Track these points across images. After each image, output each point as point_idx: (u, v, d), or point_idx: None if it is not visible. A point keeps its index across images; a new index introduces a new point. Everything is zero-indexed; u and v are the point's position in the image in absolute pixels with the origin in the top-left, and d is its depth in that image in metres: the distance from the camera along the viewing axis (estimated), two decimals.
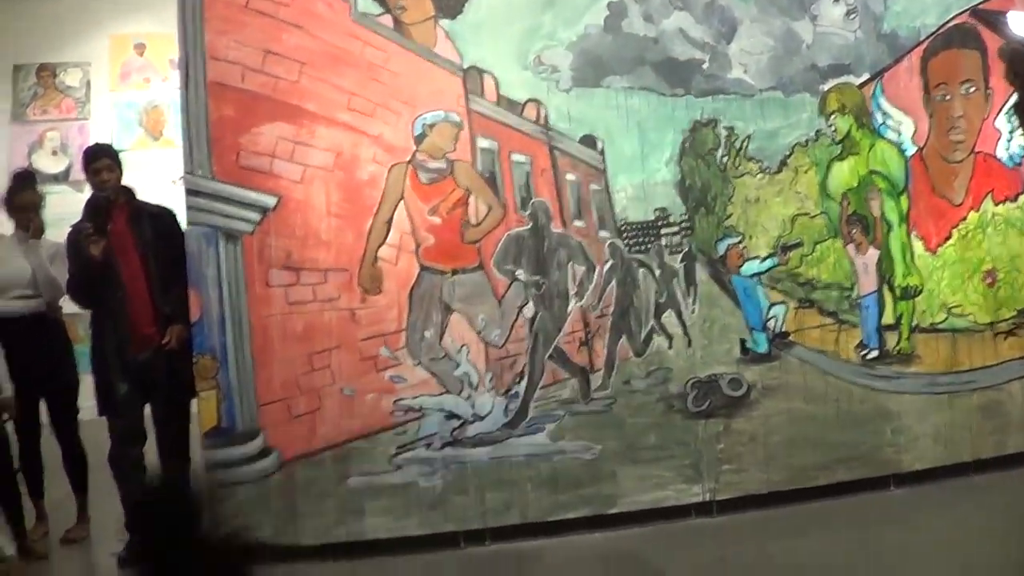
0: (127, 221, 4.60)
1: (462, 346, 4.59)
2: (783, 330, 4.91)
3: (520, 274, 4.65)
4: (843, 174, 4.99)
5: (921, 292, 5.03)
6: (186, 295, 4.42)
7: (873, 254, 5.01)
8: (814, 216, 4.94)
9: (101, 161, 4.64)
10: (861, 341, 5.01)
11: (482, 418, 4.62)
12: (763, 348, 4.89)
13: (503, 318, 4.64)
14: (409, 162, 4.56)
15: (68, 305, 4.94)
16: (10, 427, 4.93)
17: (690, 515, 4.83)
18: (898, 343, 5.02)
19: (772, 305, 4.90)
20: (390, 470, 4.54)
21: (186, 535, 1.87)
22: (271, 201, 4.45)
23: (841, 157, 4.99)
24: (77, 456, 5.07)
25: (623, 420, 4.75)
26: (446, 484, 4.58)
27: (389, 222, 4.53)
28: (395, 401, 4.55)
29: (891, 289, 5.02)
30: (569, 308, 4.71)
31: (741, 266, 4.86)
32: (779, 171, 4.89)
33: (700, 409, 4.82)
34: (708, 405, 4.83)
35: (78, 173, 7.88)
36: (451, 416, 4.60)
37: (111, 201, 4.59)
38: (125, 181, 4.73)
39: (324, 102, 4.51)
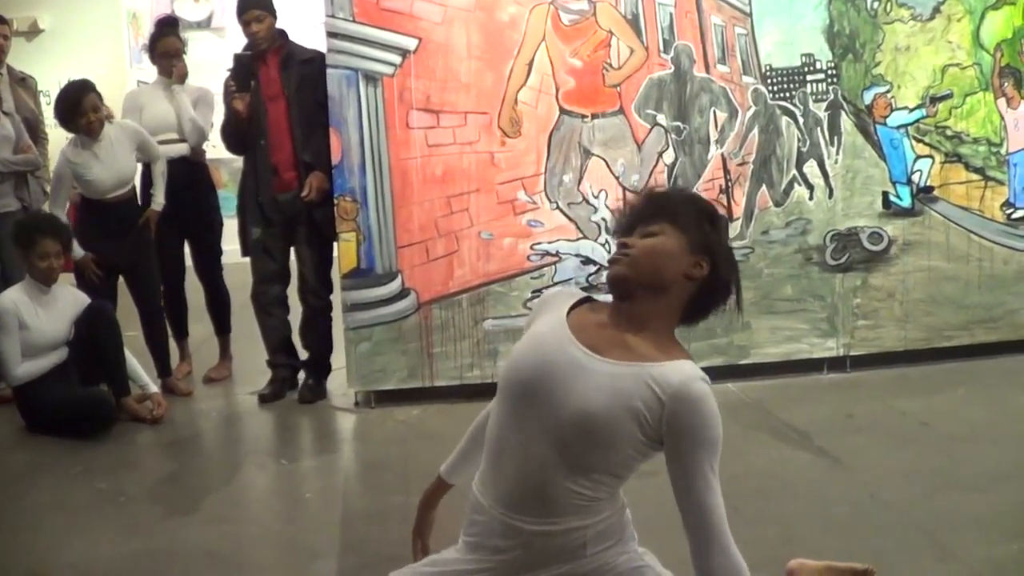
0: (279, 67, 4.59)
1: (600, 191, 4.57)
2: (928, 184, 4.77)
3: (661, 119, 4.57)
4: (997, 24, 4.75)
5: None
6: (327, 142, 4.45)
7: None
8: (965, 67, 4.74)
9: (249, 13, 4.55)
10: (1007, 200, 4.86)
11: None
12: (906, 202, 4.76)
13: (642, 163, 4.59)
14: (551, 3, 4.47)
15: (212, 150, 5.04)
16: None
17: (823, 369, 4.83)
18: None
19: (918, 158, 4.76)
20: (525, 314, 4.59)
21: None
22: (411, 43, 4.43)
23: (996, 6, 4.74)
24: (220, 297, 5.19)
25: (759, 271, 4.71)
26: None
27: (530, 65, 4.47)
28: (532, 245, 4.57)
29: None
30: (709, 155, 4.63)
31: (888, 116, 4.71)
32: (931, 18, 4.68)
33: (838, 262, 4.75)
34: (847, 259, 4.75)
35: (220, 20, 8.03)
36: (587, 261, 4.60)
37: (257, 56, 4.58)
38: None
39: None
